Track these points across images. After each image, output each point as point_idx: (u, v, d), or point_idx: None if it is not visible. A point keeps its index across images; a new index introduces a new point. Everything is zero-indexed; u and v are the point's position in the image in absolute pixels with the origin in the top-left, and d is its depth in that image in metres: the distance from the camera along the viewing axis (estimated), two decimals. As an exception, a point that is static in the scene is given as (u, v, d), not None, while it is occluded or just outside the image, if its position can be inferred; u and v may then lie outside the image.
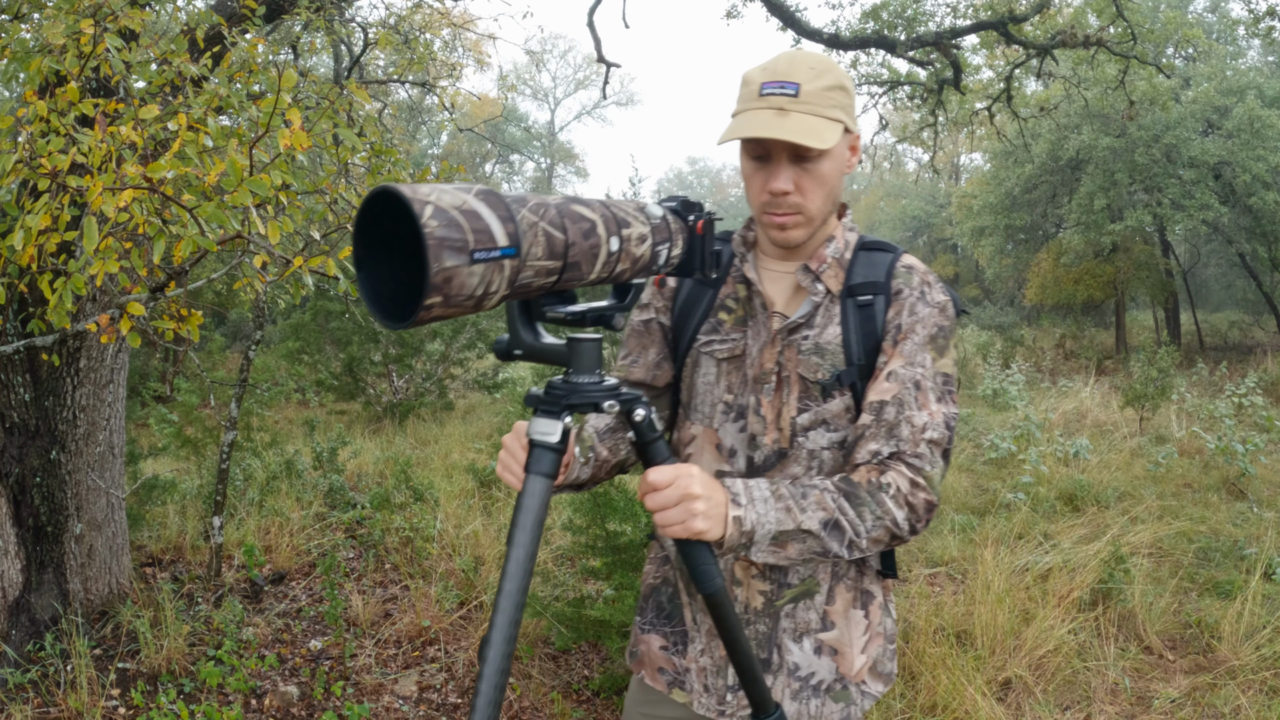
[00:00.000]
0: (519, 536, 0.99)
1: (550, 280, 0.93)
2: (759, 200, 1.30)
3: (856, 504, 1.21)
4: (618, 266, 1.02)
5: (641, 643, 1.48)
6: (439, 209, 0.79)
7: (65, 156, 1.96)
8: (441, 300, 0.80)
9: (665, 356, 1.47)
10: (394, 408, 8.94)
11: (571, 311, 1.07)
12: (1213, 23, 19.19)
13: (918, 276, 1.34)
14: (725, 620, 1.16)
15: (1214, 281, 24.28)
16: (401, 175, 2.99)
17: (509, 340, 1.06)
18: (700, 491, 1.11)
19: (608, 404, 1.07)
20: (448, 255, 0.78)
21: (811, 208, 1.28)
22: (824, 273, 1.34)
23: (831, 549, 1.20)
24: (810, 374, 1.32)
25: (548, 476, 1.02)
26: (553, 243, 0.91)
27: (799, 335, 1.33)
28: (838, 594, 1.36)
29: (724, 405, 1.38)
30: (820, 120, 1.21)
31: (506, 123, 30.97)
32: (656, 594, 1.48)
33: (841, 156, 1.30)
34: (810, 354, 1.32)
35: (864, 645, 1.38)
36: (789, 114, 1.21)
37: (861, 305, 1.32)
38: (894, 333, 1.30)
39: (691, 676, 1.41)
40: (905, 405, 1.26)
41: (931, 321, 1.31)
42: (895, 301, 1.32)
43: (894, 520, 1.22)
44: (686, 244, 1.15)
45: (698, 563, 1.14)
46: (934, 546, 4.74)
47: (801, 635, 1.36)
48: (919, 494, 1.24)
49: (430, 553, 4.37)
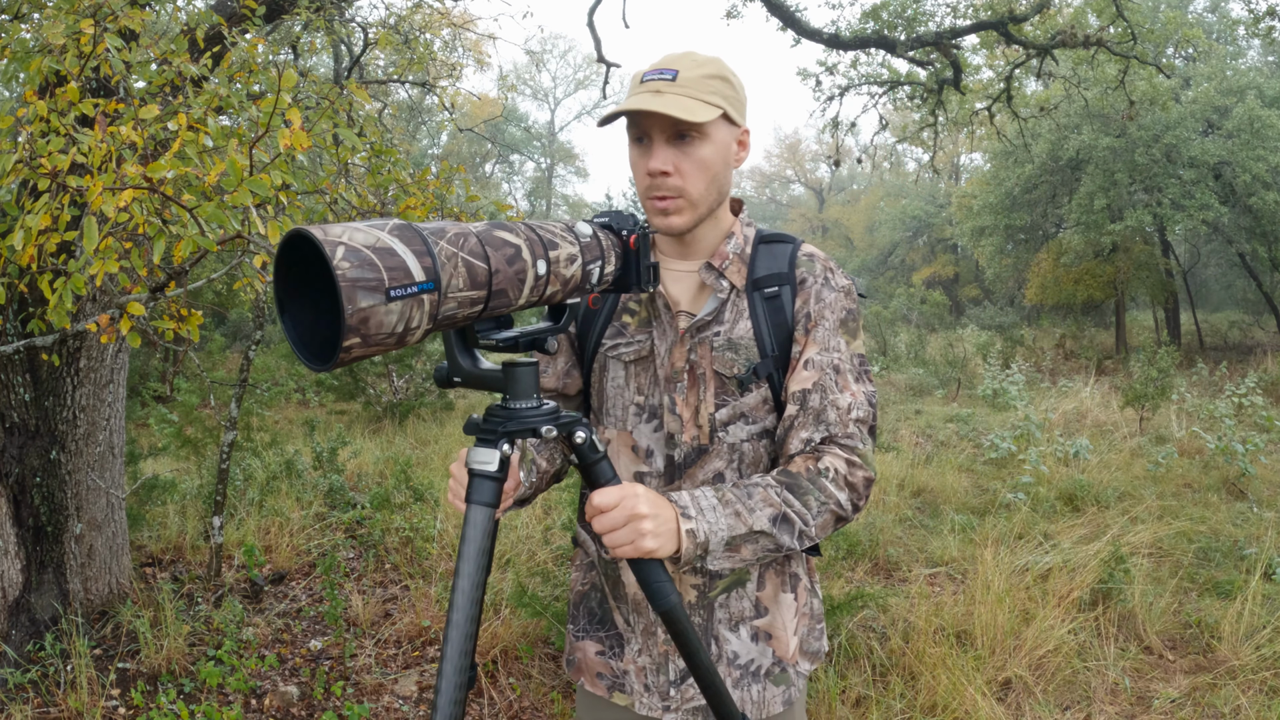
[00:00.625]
0: (463, 567, 0.99)
1: (476, 310, 0.93)
2: (642, 185, 1.30)
3: (800, 493, 1.23)
4: (547, 289, 1.02)
5: (577, 650, 1.49)
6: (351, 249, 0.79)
7: (65, 156, 1.96)
8: (360, 341, 0.79)
9: (574, 364, 1.47)
10: (394, 408, 8.94)
11: (504, 337, 1.06)
12: (1213, 23, 19.20)
13: (819, 264, 1.36)
14: (683, 635, 1.16)
15: (1214, 281, 24.28)
16: (401, 175, 2.99)
17: (448, 368, 1.06)
18: (647, 510, 1.11)
19: (545, 429, 1.07)
20: (362, 295, 0.78)
21: (693, 191, 1.28)
22: (727, 269, 1.35)
23: (784, 543, 1.22)
24: (726, 370, 1.33)
25: (488, 505, 1.02)
26: (474, 272, 0.90)
27: (709, 332, 1.34)
28: (767, 579, 1.38)
29: (635, 407, 1.38)
30: (694, 101, 1.23)
31: (506, 123, 30.98)
32: (586, 600, 1.49)
33: (725, 145, 1.29)
34: (724, 350, 1.33)
35: (795, 627, 1.41)
36: (663, 95, 1.23)
37: (769, 297, 1.34)
38: (804, 321, 1.33)
39: (630, 678, 1.41)
40: (828, 390, 1.29)
41: (840, 306, 1.34)
42: (801, 290, 1.34)
43: (838, 502, 1.25)
44: (620, 259, 1.15)
45: (650, 580, 1.14)
46: (934, 546, 4.74)
47: (737, 624, 1.38)
48: (857, 472, 1.27)
49: (430, 553, 4.37)
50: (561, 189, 37.59)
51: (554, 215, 34.48)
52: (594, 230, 1.11)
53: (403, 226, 0.86)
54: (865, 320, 18.09)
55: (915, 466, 6.48)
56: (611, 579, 1.44)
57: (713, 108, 1.24)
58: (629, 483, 1.14)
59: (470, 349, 1.05)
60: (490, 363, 1.08)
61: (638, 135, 1.29)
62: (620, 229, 1.16)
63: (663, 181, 1.27)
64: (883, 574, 4.46)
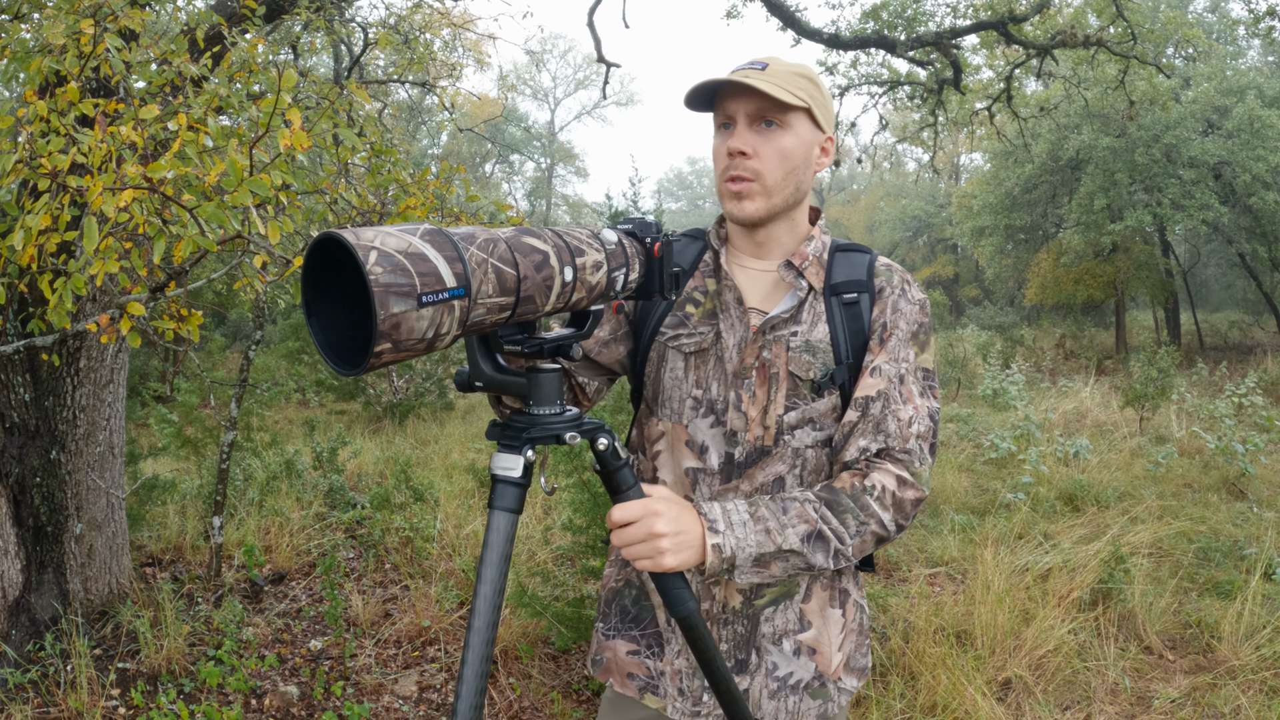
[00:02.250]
0: (486, 573, 0.99)
1: (504, 315, 0.92)
2: (720, 166, 1.30)
3: (839, 511, 1.21)
4: (573, 296, 1.01)
5: (606, 649, 1.45)
6: (383, 254, 0.79)
7: (65, 156, 1.96)
8: (391, 346, 0.79)
9: (616, 338, 1.42)
10: (394, 408, 8.94)
11: (530, 343, 1.06)
12: (1213, 23, 19.20)
13: (898, 275, 1.35)
14: (700, 642, 1.15)
15: (1214, 281, 24.28)
16: (401, 175, 2.99)
17: (469, 372, 1.05)
18: (666, 529, 1.10)
19: (569, 435, 1.06)
20: (394, 301, 0.77)
21: (769, 177, 1.27)
22: (806, 269, 1.33)
23: (815, 563, 1.20)
24: (802, 372, 1.31)
25: (512, 511, 1.02)
26: (504, 278, 0.90)
27: (785, 331, 1.32)
28: (814, 593, 1.36)
29: (693, 400, 1.36)
30: (783, 90, 1.23)
31: (506, 123, 30.96)
32: (620, 597, 1.45)
33: (807, 143, 1.30)
34: (801, 351, 1.31)
35: (840, 643, 1.38)
36: (753, 79, 1.23)
37: (847, 304, 1.32)
38: (880, 330, 1.31)
39: (666, 680, 1.38)
40: (890, 400, 1.27)
41: (913, 318, 1.32)
42: (879, 300, 1.32)
43: (880, 523, 1.22)
44: (644, 267, 1.15)
45: (669, 587, 1.13)
46: (934, 546, 4.74)
47: (780, 637, 1.35)
48: (907, 491, 1.24)
49: (430, 553, 4.37)
50: (561, 189, 37.59)
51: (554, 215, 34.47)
52: (619, 237, 1.11)
53: (434, 232, 0.86)
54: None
55: (915, 466, 6.47)
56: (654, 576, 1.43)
57: (799, 99, 1.25)
58: (652, 497, 1.12)
59: (492, 354, 1.05)
60: (512, 368, 1.07)
61: (723, 121, 1.29)
62: (644, 236, 1.16)
63: (740, 162, 1.27)
64: (883, 574, 4.46)
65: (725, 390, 1.33)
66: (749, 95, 1.26)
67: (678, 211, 52.69)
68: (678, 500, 1.15)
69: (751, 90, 1.25)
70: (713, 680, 1.17)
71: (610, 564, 1.50)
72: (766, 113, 1.26)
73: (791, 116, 1.27)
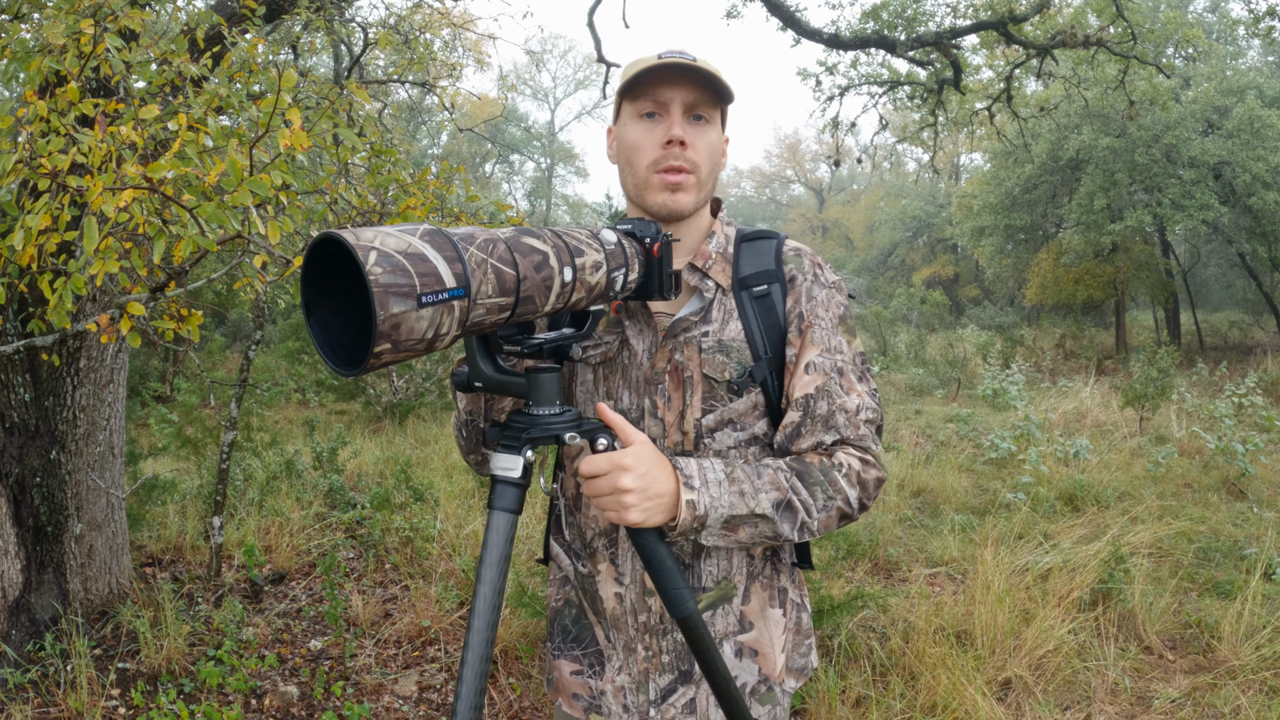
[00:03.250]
0: (485, 573, 0.99)
1: (504, 316, 0.92)
2: (651, 157, 1.24)
3: (809, 483, 1.19)
4: (573, 296, 1.01)
5: (554, 669, 1.42)
6: (383, 254, 0.79)
7: (65, 156, 1.96)
8: (391, 346, 0.79)
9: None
10: (394, 408, 8.94)
11: (529, 343, 1.06)
12: (1213, 23, 19.20)
13: (807, 260, 1.31)
14: (700, 643, 1.14)
15: (1214, 281, 24.28)
16: (401, 175, 2.99)
17: (468, 373, 1.05)
18: (631, 485, 1.08)
19: (569, 435, 1.06)
20: (394, 301, 0.78)
21: (703, 170, 1.25)
22: (710, 268, 1.29)
23: (783, 532, 1.18)
24: (717, 373, 1.26)
25: (511, 512, 1.02)
26: (503, 279, 0.90)
27: (696, 333, 1.27)
28: (753, 593, 1.33)
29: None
30: (720, 81, 1.22)
31: (506, 123, 30.97)
32: (560, 617, 1.42)
33: (722, 140, 1.29)
34: (714, 352, 1.27)
35: (781, 643, 1.35)
36: (702, 65, 1.20)
37: (758, 296, 1.29)
38: (797, 321, 1.28)
39: (608, 698, 1.35)
40: (833, 395, 1.25)
41: (835, 303, 1.29)
42: (792, 288, 1.29)
43: (845, 499, 1.21)
44: (643, 267, 1.14)
45: (668, 586, 1.12)
46: (934, 546, 4.74)
47: (721, 640, 1.32)
48: (870, 470, 1.24)
49: (430, 553, 4.37)
50: (561, 189, 37.59)
51: (554, 215, 34.47)
52: (618, 237, 1.11)
53: (433, 232, 0.86)
54: (865, 320, 18.10)
55: (915, 466, 6.48)
56: (590, 594, 1.36)
57: (730, 94, 1.23)
58: (625, 450, 1.09)
59: (491, 354, 1.05)
60: (511, 369, 1.07)
61: (649, 110, 1.24)
62: (643, 237, 1.15)
63: (680, 152, 1.23)
64: (883, 574, 4.46)
65: (638, 398, 1.29)
66: (688, 83, 1.22)
67: (678, 211, 52.48)
68: (652, 456, 1.12)
69: (691, 77, 1.21)
70: (713, 681, 1.17)
71: (551, 583, 1.47)
72: (700, 105, 1.23)
73: (715, 113, 1.26)
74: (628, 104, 1.27)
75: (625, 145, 1.28)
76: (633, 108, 1.26)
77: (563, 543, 1.42)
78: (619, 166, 1.31)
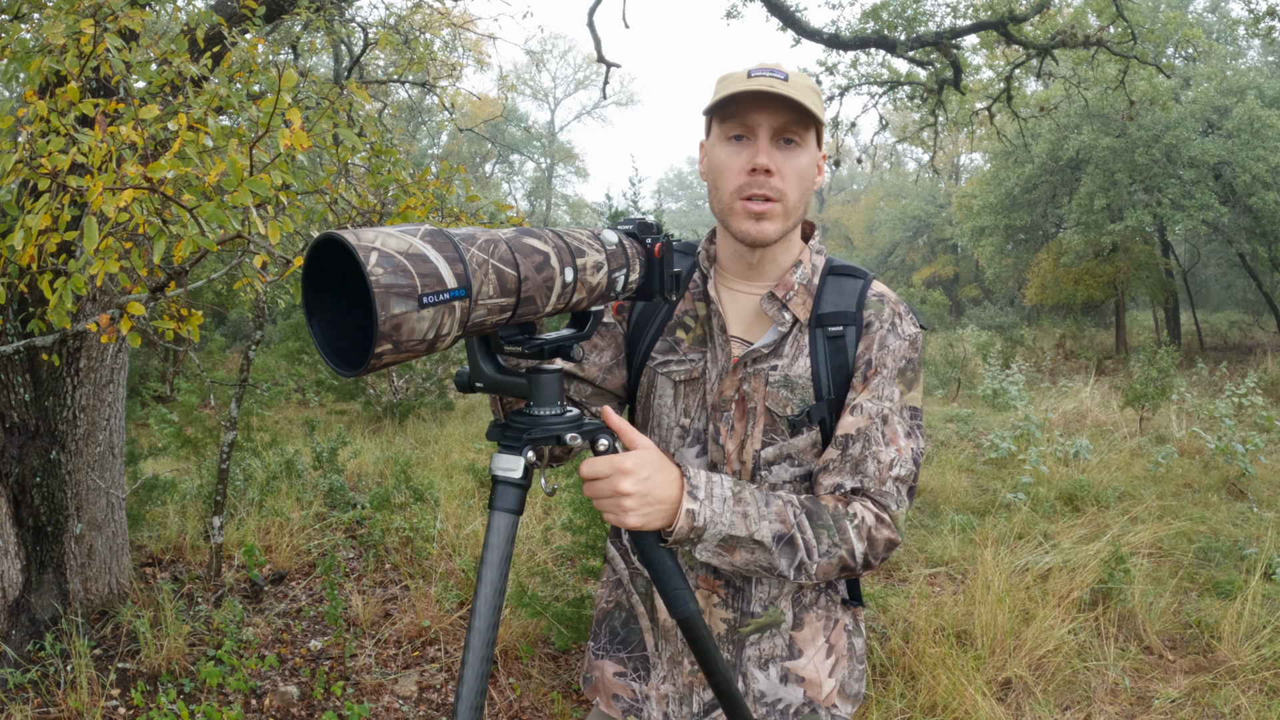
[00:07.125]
0: (486, 574, 0.99)
1: (505, 316, 0.92)
2: (735, 184, 1.21)
3: (816, 524, 1.17)
4: (574, 296, 1.01)
5: (595, 668, 1.43)
6: (384, 254, 0.78)
7: (65, 156, 1.96)
8: (392, 347, 0.79)
9: (619, 363, 1.39)
10: (394, 408, 8.94)
11: (530, 343, 1.05)
12: (1213, 23, 19.20)
13: (889, 307, 1.28)
14: (700, 643, 1.14)
15: (1214, 281, 24.29)
16: (401, 175, 2.99)
17: (469, 373, 1.05)
18: (631, 489, 1.07)
19: (570, 436, 1.06)
20: (395, 302, 0.77)
21: (791, 198, 1.22)
22: (791, 300, 1.27)
23: (779, 566, 1.16)
24: (779, 408, 1.25)
25: (512, 512, 1.02)
26: (504, 279, 0.90)
27: (765, 365, 1.26)
28: (805, 621, 1.33)
29: (680, 429, 1.32)
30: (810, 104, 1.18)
31: (506, 123, 30.96)
32: (610, 619, 1.43)
33: (815, 161, 1.25)
34: (779, 387, 1.25)
35: (831, 669, 1.34)
36: (785, 90, 1.17)
37: (832, 337, 1.26)
38: (864, 368, 1.25)
39: (651, 704, 1.36)
40: (872, 441, 1.22)
41: (901, 354, 1.26)
42: (866, 334, 1.26)
43: (850, 551, 1.18)
44: (645, 267, 1.14)
45: (670, 587, 1.12)
46: (934, 546, 4.74)
47: (767, 663, 1.32)
48: (883, 530, 1.20)
49: (430, 553, 4.37)
50: (561, 189, 37.59)
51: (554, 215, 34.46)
52: (620, 238, 1.10)
53: (434, 232, 0.85)
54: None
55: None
56: (646, 600, 1.37)
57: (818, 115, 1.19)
58: (628, 454, 1.09)
59: (492, 354, 1.05)
60: (512, 369, 1.07)
61: (737, 133, 1.21)
62: (645, 237, 1.15)
63: (765, 180, 1.19)
64: (883, 574, 4.46)
65: (708, 422, 1.29)
66: (776, 107, 1.18)
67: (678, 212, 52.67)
68: (655, 461, 1.10)
69: (780, 102, 1.18)
70: (713, 681, 1.17)
71: (603, 585, 1.47)
72: (790, 128, 1.19)
73: (809, 135, 1.22)
74: (717, 122, 1.24)
75: (713, 167, 1.25)
76: (721, 128, 1.23)
77: (621, 548, 1.42)
78: (708, 185, 1.28)
